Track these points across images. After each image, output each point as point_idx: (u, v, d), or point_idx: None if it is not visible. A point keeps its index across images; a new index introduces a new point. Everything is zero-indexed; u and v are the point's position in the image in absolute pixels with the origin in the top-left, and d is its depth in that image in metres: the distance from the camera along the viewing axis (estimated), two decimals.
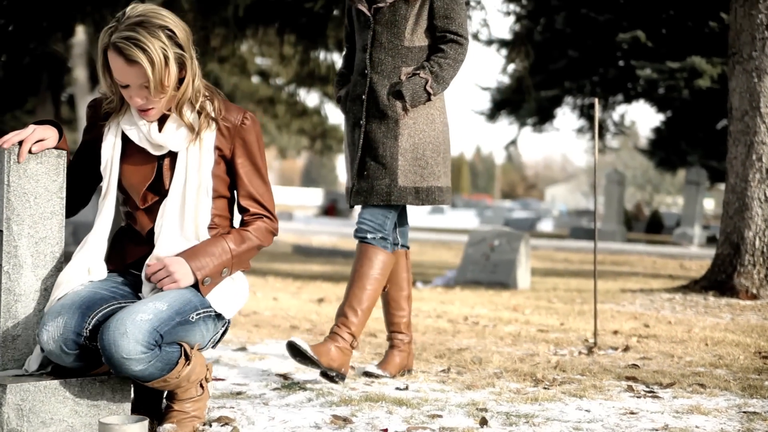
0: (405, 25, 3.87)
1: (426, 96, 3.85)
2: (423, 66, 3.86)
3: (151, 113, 2.75)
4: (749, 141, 7.32)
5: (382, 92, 3.87)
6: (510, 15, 21.58)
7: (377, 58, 3.89)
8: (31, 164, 2.69)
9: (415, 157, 3.87)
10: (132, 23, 2.65)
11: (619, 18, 20.88)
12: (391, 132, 3.86)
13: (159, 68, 2.65)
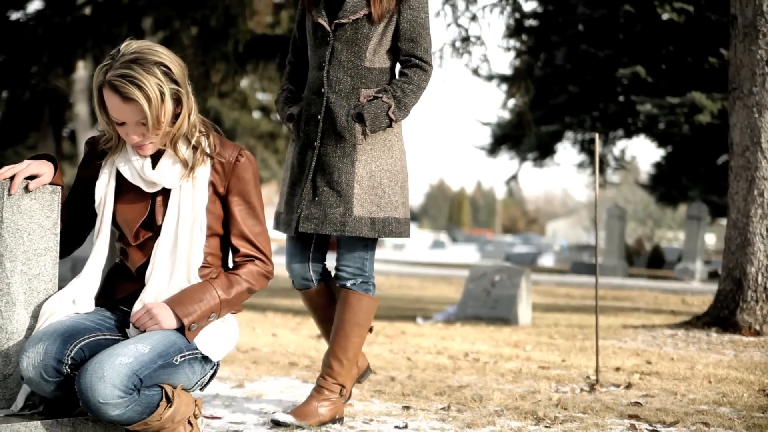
0: (367, 45, 3.64)
1: (387, 122, 3.63)
2: (385, 90, 3.64)
3: (147, 148, 2.72)
4: (750, 176, 7.30)
5: (340, 113, 3.62)
6: (510, 50, 21.65)
7: (335, 77, 3.65)
8: (25, 200, 2.65)
9: (372, 186, 3.64)
10: (127, 60, 2.63)
11: (619, 54, 20.96)
12: (347, 157, 3.62)
13: (155, 105, 2.63)
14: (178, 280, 2.73)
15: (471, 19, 10.04)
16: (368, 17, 3.61)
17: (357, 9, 3.60)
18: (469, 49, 10.35)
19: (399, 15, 3.63)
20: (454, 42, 10.27)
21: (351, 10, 3.60)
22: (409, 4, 3.62)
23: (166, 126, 2.68)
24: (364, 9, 3.60)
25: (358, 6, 3.60)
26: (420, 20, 3.65)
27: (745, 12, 7.36)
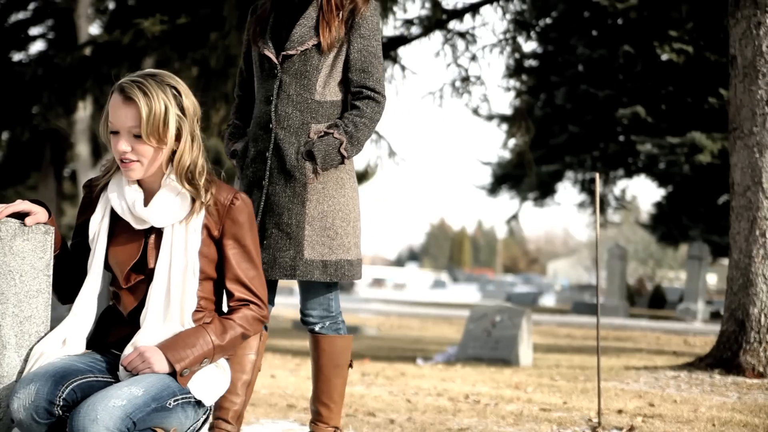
0: (317, 77, 3.44)
1: (339, 159, 3.42)
2: (337, 125, 3.44)
3: (133, 167, 2.66)
4: (752, 216, 7.26)
5: (289, 151, 3.42)
6: (510, 90, 21.71)
7: (283, 111, 3.44)
8: (17, 241, 2.61)
9: (324, 227, 3.44)
10: (145, 73, 2.65)
11: (618, 94, 21.04)
12: (297, 197, 3.41)
13: (154, 115, 2.59)
14: (172, 325, 2.68)
15: (471, 59, 10.07)
16: (317, 48, 3.43)
17: (305, 39, 3.43)
18: (469, 89, 10.38)
19: (349, 44, 3.45)
20: (454, 82, 10.29)
21: (299, 40, 3.43)
22: (360, 33, 3.44)
23: (162, 149, 2.64)
24: (312, 39, 3.42)
25: (306, 36, 3.43)
26: (371, 49, 3.47)
27: (744, 52, 7.37)
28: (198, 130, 2.73)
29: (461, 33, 9.81)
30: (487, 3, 9.45)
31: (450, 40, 9.88)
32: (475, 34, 9.87)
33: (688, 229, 23.17)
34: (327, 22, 3.41)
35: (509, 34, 10.14)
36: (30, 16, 21.92)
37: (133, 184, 2.74)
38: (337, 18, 3.42)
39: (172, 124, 2.62)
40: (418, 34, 9.72)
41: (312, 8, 3.46)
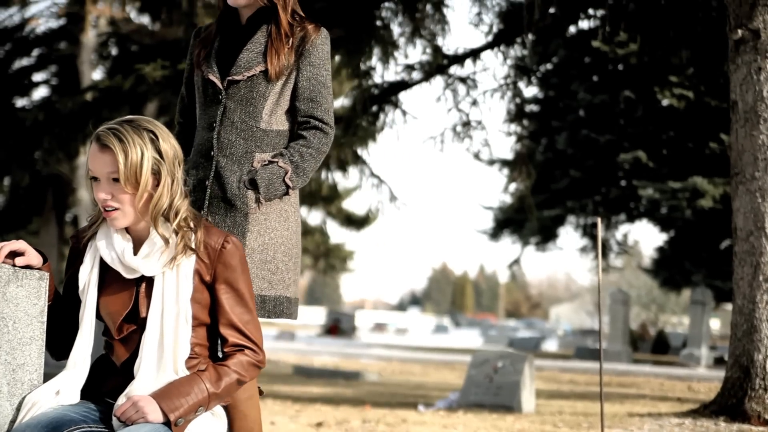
0: (263, 105, 3.28)
1: (284, 189, 3.26)
2: (282, 154, 3.28)
3: (116, 215, 2.63)
4: (755, 262, 7.22)
5: (230, 179, 3.25)
6: (511, 135, 21.79)
7: (226, 139, 3.27)
8: (11, 287, 2.57)
9: (264, 260, 3.24)
10: (122, 120, 2.63)
11: (620, 139, 21.09)
12: (237, 227, 3.23)
13: (131, 161, 2.57)
14: (165, 373, 2.63)
15: (472, 103, 10.10)
16: (264, 74, 3.28)
17: (252, 65, 3.28)
18: (470, 134, 10.39)
19: (298, 72, 3.31)
20: (455, 126, 10.31)
21: (245, 66, 3.29)
22: (309, 61, 3.31)
23: (141, 194, 2.61)
24: (260, 65, 3.28)
25: (253, 62, 3.29)
26: (320, 78, 3.34)
27: (745, 97, 7.37)
28: (179, 173, 2.70)
29: (462, 78, 9.85)
30: (487, 48, 9.49)
31: (451, 85, 9.91)
32: (476, 79, 9.90)
33: (690, 274, 23.10)
34: (276, 49, 3.27)
35: (510, 79, 10.17)
36: (34, 63, 22.08)
37: (121, 232, 2.71)
38: (287, 45, 3.28)
39: (147, 169, 2.60)
40: (419, 79, 9.75)
41: (260, 33, 3.33)
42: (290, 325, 47.91)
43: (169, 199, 2.67)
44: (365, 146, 11.17)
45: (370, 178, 11.87)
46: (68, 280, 2.81)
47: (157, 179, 2.65)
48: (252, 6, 3.33)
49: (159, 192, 2.64)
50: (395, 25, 8.87)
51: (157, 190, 2.64)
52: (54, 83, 21.84)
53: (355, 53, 8.62)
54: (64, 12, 21.56)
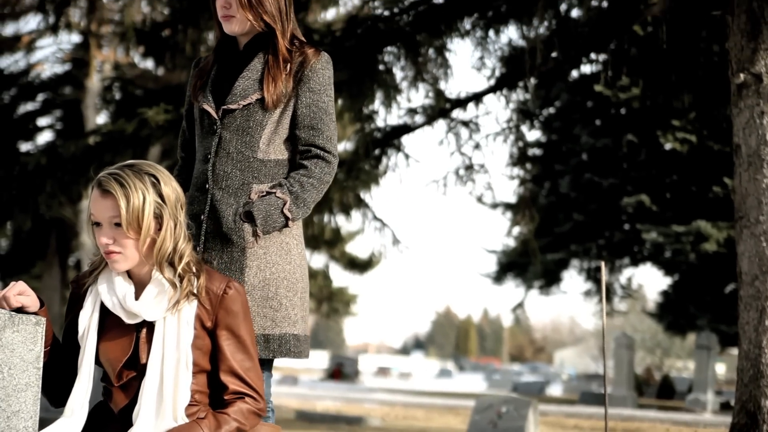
0: (260, 134, 3.14)
1: (283, 221, 3.09)
2: (280, 184, 3.13)
3: (117, 258, 2.61)
4: (761, 306, 7.16)
5: (226, 212, 3.09)
6: (514, 179, 21.83)
7: (222, 170, 3.13)
8: (6, 333, 2.53)
9: (266, 297, 3.07)
10: (123, 165, 2.63)
11: (623, 182, 21.09)
12: (235, 263, 3.06)
13: (133, 206, 2.55)
14: (165, 421, 2.59)
15: (474, 147, 10.10)
16: (261, 102, 3.14)
17: (248, 93, 3.15)
18: (473, 177, 10.38)
19: (297, 99, 3.17)
20: (458, 170, 10.30)
21: (241, 94, 3.16)
22: (309, 87, 3.17)
23: (144, 239, 2.59)
24: (256, 93, 3.14)
25: (249, 89, 3.16)
26: (321, 104, 3.19)
27: (748, 141, 7.36)
28: (182, 217, 2.68)
29: (465, 122, 9.86)
30: (490, 92, 9.50)
31: (453, 129, 9.92)
32: (478, 123, 9.91)
33: (695, 318, 22.99)
34: (272, 76, 3.14)
35: (513, 123, 10.18)
36: (38, 108, 22.21)
37: (123, 276, 2.69)
38: (284, 71, 3.14)
39: (150, 213, 2.58)
40: (421, 122, 9.76)
41: (257, 60, 3.20)
42: (293, 369, 47.68)
43: (173, 243, 2.65)
44: (368, 190, 11.16)
45: (372, 222, 11.85)
46: (68, 325, 2.78)
47: (160, 223, 2.63)
48: (249, 33, 3.23)
49: (162, 236, 2.62)
50: (398, 69, 8.89)
51: (159, 235, 2.62)
52: (58, 128, 21.95)
53: (357, 97, 8.63)
54: (70, 57, 21.73)
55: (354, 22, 8.78)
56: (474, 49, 9.06)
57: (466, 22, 8.66)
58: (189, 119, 3.37)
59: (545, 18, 8.52)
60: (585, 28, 8.66)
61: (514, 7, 8.41)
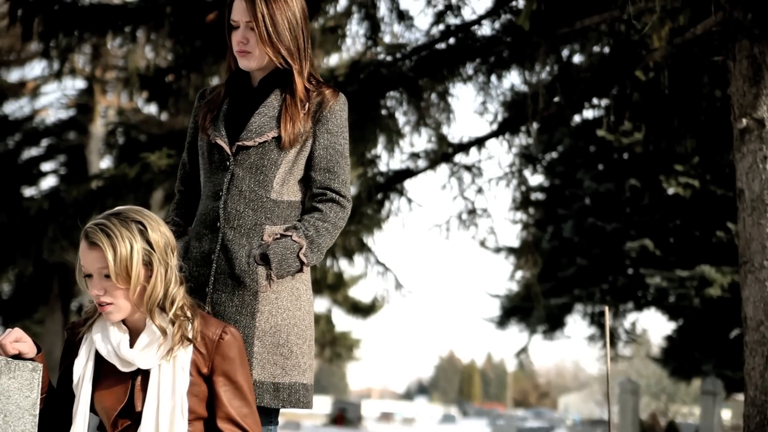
0: (274, 173, 3.05)
1: (298, 265, 3.01)
2: (296, 227, 3.04)
3: (110, 309, 2.58)
4: (766, 352, 7.10)
5: (239, 253, 2.99)
6: (517, 223, 21.81)
7: (234, 209, 3.02)
8: (2, 379, 2.50)
9: (276, 343, 2.96)
10: (109, 214, 2.60)
11: (626, 227, 21.06)
12: (246, 307, 2.95)
13: (121, 256, 2.53)
14: None
15: (477, 191, 10.09)
16: (277, 141, 3.05)
17: (264, 130, 3.07)
18: (475, 222, 10.36)
19: (314, 139, 3.12)
20: (461, 214, 10.28)
21: (257, 131, 3.08)
22: (327, 128, 3.13)
23: (135, 286, 2.56)
24: (273, 131, 3.07)
25: (265, 127, 3.08)
26: (338, 147, 3.15)
27: (751, 186, 7.35)
28: (172, 261, 2.66)
29: (467, 166, 9.86)
30: (492, 137, 9.51)
31: (456, 173, 9.92)
32: (481, 167, 9.91)
33: (700, 364, 22.83)
34: (290, 115, 3.07)
35: (515, 168, 10.18)
36: (43, 153, 22.29)
37: (117, 324, 2.66)
38: (302, 111, 3.09)
39: (138, 261, 2.56)
40: (424, 167, 9.76)
41: (274, 97, 3.14)
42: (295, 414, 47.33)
43: (164, 289, 2.63)
44: (371, 234, 11.14)
45: (375, 266, 11.81)
46: (62, 373, 2.75)
47: (150, 270, 2.61)
48: (265, 68, 3.17)
49: (152, 283, 2.59)
50: (400, 114, 8.91)
51: (150, 281, 2.60)
52: (62, 173, 22.01)
53: (360, 141, 8.65)
54: (74, 103, 21.87)
55: (356, 67, 8.81)
56: (476, 93, 9.08)
57: (468, 67, 8.68)
58: (192, 152, 3.29)
59: (547, 63, 8.56)
60: (587, 74, 8.69)
61: (516, 53, 8.43)
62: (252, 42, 3.13)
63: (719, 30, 6.87)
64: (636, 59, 8.16)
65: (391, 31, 9.04)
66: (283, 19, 3.12)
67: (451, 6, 8.70)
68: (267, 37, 3.10)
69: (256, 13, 3.10)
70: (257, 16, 3.10)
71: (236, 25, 3.16)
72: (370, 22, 8.82)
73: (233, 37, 3.17)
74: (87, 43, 9.44)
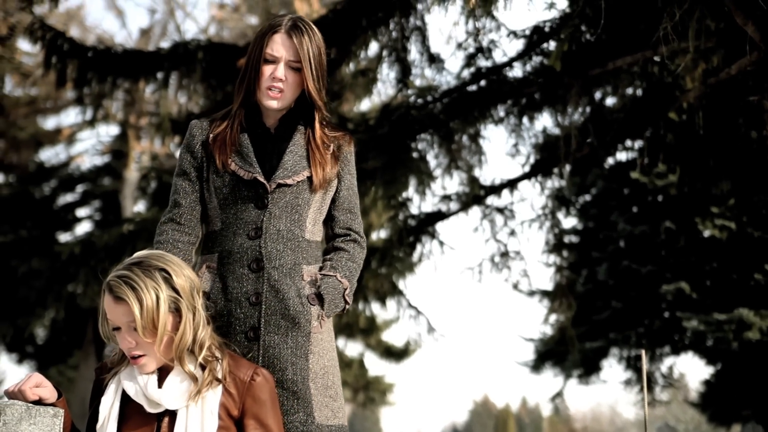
0: (307, 213, 3.01)
1: (343, 305, 2.98)
2: (334, 267, 3.01)
3: (143, 361, 2.54)
4: None
5: (289, 293, 2.90)
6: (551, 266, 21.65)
7: (274, 249, 2.93)
8: (23, 425, 2.46)
9: (326, 385, 2.92)
10: (131, 263, 2.54)
11: (661, 269, 20.84)
12: (300, 348, 2.87)
13: (148, 308, 2.47)
14: None
15: (510, 234, 10.01)
16: (309, 181, 3.03)
17: (298, 169, 3.03)
18: (508, 264, 10.28)
19: (340, 181, 3.11)
20: (493, 257, 10.20)
21: (293, 169, 3.02)
22: (348, 170, 3.13)
23: (163, 336, 2.51)
24: (305, 170, 3.03)
25: (299, 166, 3.03)
26: (355, 189, 3.17)
27: None
28: (199, 304, 2.61)
29: (500, 208, 9.80)
30: (524, 179, 9.46)
31: (488, 216, 9.86)
32: (513, 210, 9.86)
33: (740, 408, 22.44)
34: (320, 159, 3.04)
35: (548, 210, 10.10)
36: (78, 199, 22.51)
37: None
38: (328, 152, 3.06)
39: (165, 311, 2.51)
40: (456, 209, 9.72)
41: (299, 135, 3.09)
42: None
43: (193, 334, 2.58)
44: (403, 277, 11.08)
45: (407, 310, 11.73)
46: (92, 414, 2.70)
47: (178, 316, 2.56)
48: (287, 106, 3.12)
49: (181, 329, 2.55)
50: (431, 156, 8.90)
51: (179, 329, 2.55)
52: (97, 218, 22.19)
53: (391, 184, 8.62)
54: (109, 149, 22.09)
55: (387, 109, 8.82)
56: (508, 135, 9.05)
57: (499, 109, 8.66)
58: (187, 189, 3.13)
59: (579, 105, 8.51)
60: (620, 115, 8.62)
61: (547, 94, 8.40)
62: (290, 81, 3.06)
63: (754, 70, 6.78)
64: (670, 100, 8.08)
65: (422, 74, 9.04)
66: (323, 60, 3.08)
67: (482, 49, 8.69)
68: (315, 79, 3.03)
69: (305, 53, 3.04)
70: (307, 56, 3.04)
71: (273, 59, 3.08)
72: (400, 65, 8.83)
73: (266, 71, 3.08)
74: (120, 89, 9.52)
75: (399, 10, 8.46)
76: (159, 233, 3.14)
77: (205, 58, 8.88)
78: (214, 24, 21.86)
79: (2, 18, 16.63)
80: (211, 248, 3.08)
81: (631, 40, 7.51)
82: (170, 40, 16.24)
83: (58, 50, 8.79)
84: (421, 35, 8.76)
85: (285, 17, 3.11)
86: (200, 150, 3.14)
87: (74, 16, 21.42)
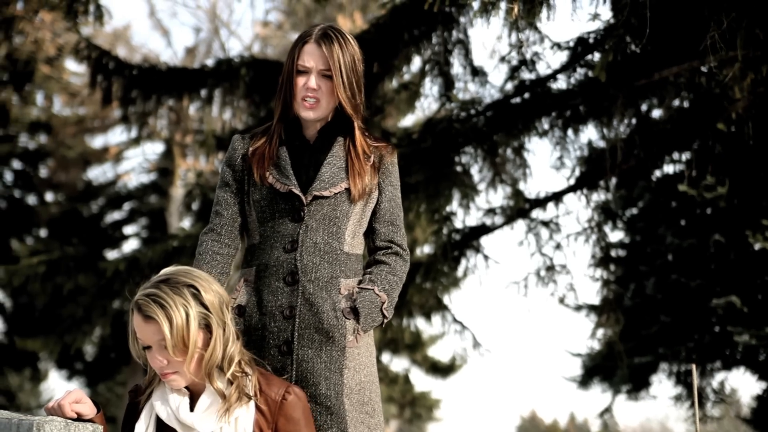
0: (346, 225, 2.97)
1: (380, 320, 2.92)
2: (373, 281, 2.95)
3: (173, 378, 2.50)
4: None
5: (324, 307, 2.86)
6: (597, 280, 21.44)
7: (310, 262, 2.90)
8: None
9: (362, 401, 2.87)
10: (158, 281, 2.51)
11: (711, 283, 20.55)
12: (335, 363, 2.83)
13: (177, 326, 2.44)
14: None
15: (555, 248, 9.90)
16: (348, 193, 2.99)
17: (336, 181, 2.99)
18: (554, 279, 10.16)
19: (380, 192, 3.05)
20: (539, 271, 10.09)
21: (330, 181, 2.98)
22: (390, 181, 3.07)
23: (193, 353, 2.47)
24: (343, 182, 2.99)
25: (336, 178, 2.99)
26: (398, 200, 3.10)
27: None
28: (228, 318, 2.57)
29: (545, 222, 9.71)
30: (570, 192, 9.36)
31: (533, 229, 9.76)
32: (559, 223, 9.75)
33: None
34: (358, 170, 2.99)
35: (594, 223, 9.98)
36: (125, 216, 22.75)
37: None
38: (368, 163, 3.01)
39: (195, 328, 2.47)
40: (500, 223, 9.64)
41: (338, 146, 3.04)
42: None
43: (222, 349, 2.54)
44: (448, 292, 11.00)
45: (453, 325, 11.65)
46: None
47: (208, 332, 2.52)
48: (324, 117, 3.08)
49: (212, 346, 2.51)
50: (475, 170, 8.83)
51: (209, 345, 2.51)
52: (144, 236, 22.40)
53: (434, 198, 8.57)
54: (155, 167, 22.31)
55: (430, 123, 8.77)
56: (552, 148, 8.96)
57: (543, 121, 8.58)
58: (228, 202, 3.12)
59: (625, 116, 8.40)
60: (667, 126, 8.50)
61: (592, 106, 8.31)
62: (323, 90, 3.04)
63: None
64: (718, 111, 7.95)
65: (465, 88, 8.99)
66: (357, 67, 3.06)
67: (526, 61, 8.63)
68: (347, 86, 3.01)
69: (335, 61, 3.02)
70: (337, 64, 3.02)
71: (305, 70, 3.08)
72: (443, 79, 8.79)
73: (299, 82, 3.08)
74: (164, 106, 9.58)
75: (441, 24, 8.42)
76: (199, 243, 3.16)
77: (248, 75, 8.91)
78: (258, 42, 22.01)
79: (51, 39, 16.86)
80: (250, 262, 3.07)
81: (678, 50, 7.40)
82: (215, 58, 16.38)
83: (104, 69, 8.87)
84: (464, 48, 8.72)
85: (316, 27, 3.11)
86: (240, 164, 3.14)
87: (120, 36, 21.69)
